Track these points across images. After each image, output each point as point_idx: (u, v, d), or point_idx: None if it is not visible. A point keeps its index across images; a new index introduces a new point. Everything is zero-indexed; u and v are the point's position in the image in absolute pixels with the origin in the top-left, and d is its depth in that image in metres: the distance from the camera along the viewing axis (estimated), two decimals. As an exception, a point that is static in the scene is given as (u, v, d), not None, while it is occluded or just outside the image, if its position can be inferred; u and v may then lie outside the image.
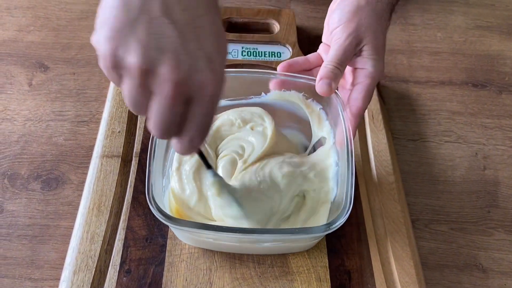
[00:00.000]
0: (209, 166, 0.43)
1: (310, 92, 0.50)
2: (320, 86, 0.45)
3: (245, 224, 0.45)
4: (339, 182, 0.47)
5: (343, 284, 0.48)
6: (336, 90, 0.47)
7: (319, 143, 0.53)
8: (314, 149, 0.53)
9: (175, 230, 0.48)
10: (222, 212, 0.46)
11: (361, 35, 0.45)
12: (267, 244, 0.47)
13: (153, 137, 0.44)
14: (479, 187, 0.60)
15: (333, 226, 0.41)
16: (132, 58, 0.28)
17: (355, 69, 0.48)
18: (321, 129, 0.52)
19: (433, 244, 0.55)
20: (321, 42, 0.52)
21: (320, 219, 0.47)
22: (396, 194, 0.54)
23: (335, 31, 0.46)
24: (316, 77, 0.46)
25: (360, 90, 0.46)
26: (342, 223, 0.41)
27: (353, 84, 0.47)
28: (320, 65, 0.48)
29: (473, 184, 0.60)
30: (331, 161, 0.50)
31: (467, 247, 0.55)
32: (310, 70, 0.50)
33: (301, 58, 0.50)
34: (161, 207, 0.41)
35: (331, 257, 0.50)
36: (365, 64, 0.46)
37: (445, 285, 0.52)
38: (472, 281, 0.52)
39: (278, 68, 0.49)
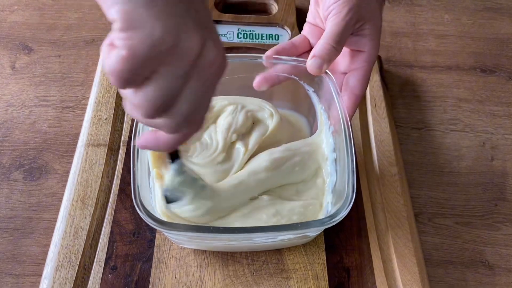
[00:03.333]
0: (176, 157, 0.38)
1: (300, 75, 0.47)
2: (311, 64, 0.42)
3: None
4: (338, 170, 0.44)
5: (341, 282, 0.46)
6: (327, 71, 0.44)
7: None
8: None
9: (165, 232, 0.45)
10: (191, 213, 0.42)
11: (361, 11, 0.42)
12: (262, 239, 0.44)
13: (134, 136, 0.40)
14: (486, 178, 0.57)
15: (336, 218, 0.38)
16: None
17: (351, 51, 0.44)
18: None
19: (437, 239, 0.52)
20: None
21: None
22: (398, 186, 0.51)
23: (333, 5, 0.42)
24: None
25: (360, 77, 0.44)
26: (345, 215, 0.38)
27: (349, 69, 0.44)
28: (309, 50, 0.45)
29: (480, 176, 0.57)
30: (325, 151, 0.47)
31: (473, 243, 0.52)
32: (298, 56, 0.47)
33: (287, 44, 0.46)
34: (150, 210, 0.37)
35: (329, 254, 0.47)
36: (365, 45, 0.43)
37: (449, 283, 0.49)
38: (477, 278, 0.50)
39: (264, 56, 0.46)
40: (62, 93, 0.60)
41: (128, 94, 0.26)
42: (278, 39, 0.65)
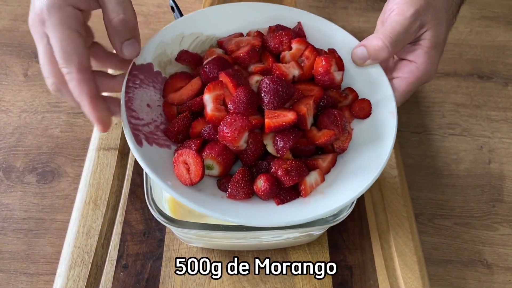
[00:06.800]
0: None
1: None
2: (355, 52, 0.38)
3: None
4: None
5: (344, 280, 0.47)
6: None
7: None
8: None
9: (175, 230, 0.47)
10: None
11: (426, 18, 0.37)
12: (269, 237, 0.46)
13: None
14: (484, 181, 0.59)
15: (339, 217, 0.40)
16: None
17: (401, 60, 0.39)
18: None
19: (437, 239, 0.54)
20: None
21: None
22: (399, 188, 0.53)
23: (398, 4, 0.37)
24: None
25: (397, 87, 0.38)
26: (347, 214, 0.40)
27: (392, 76, 0.39)
28: None
29: (478, 178, 0.59)
30: None
31: (472, 242, 0.54)
32: None
33: None
34: (161, 208, 0.39)
35: (333, 252, 0.49)
36: (418, 57, 0.38)
37: (449, 281, 0.51)
38: (476, 277, 0.51)
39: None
40: (73, 99, 0.62)
41: None
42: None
